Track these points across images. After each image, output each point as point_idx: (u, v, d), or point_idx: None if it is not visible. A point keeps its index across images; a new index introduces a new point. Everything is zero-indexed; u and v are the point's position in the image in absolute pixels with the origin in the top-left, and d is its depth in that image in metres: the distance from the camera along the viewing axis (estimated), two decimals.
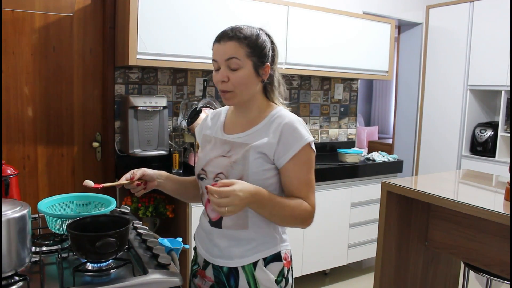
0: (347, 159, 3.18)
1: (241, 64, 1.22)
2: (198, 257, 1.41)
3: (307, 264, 2.97)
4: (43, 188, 2.66)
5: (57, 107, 2.66)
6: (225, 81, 1.23)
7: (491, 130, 3.66)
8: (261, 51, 1.25)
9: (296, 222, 1.25)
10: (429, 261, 2.27)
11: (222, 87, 1.24)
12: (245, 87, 1.24)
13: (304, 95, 3.57)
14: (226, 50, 1.21)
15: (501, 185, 2.15)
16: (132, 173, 1.32)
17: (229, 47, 1.21)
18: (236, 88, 1.23)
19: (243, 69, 1.22)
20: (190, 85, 3.01)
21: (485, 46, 3.59)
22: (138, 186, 1.33)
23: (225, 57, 1.21)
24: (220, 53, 1.23)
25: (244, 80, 1.23)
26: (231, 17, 2.70)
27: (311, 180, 1.26)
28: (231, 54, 1.21)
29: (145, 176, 1.34)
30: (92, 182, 1.29)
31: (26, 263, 1.13)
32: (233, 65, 1.21)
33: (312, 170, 1.27)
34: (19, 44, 2.51)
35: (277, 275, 1.28)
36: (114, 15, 2.68)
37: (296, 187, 1.24)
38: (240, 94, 1.24)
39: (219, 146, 1.32)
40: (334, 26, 3.18)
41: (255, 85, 1.27)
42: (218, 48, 1.24)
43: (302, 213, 1.23)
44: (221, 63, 1.23)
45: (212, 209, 1.28)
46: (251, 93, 1.27)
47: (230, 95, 1.24)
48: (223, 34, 1.24)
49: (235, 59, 1.21)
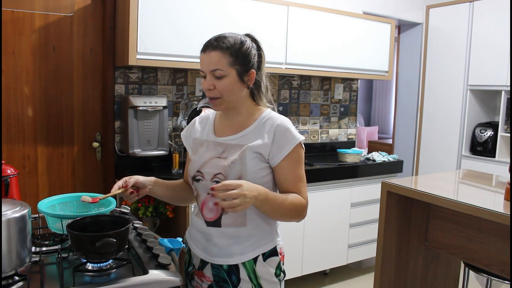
0: (347, 159, 3.18)
1: (224, 73, 1.28)
2: (193, 259, 1.42)
3: (307, 264, 2.97)
4: (43, 188, 2.66)
5: (57, 107, 2.66)
6: (211, 89, 1.30)
7: (491, 130, 3.66)
8: (245, 59, 1.31)
9: (293, 216, 1.33)
10: (429, 261, 2.27)
11: (209, 94, 1.32)
12: (230, 94, 1.30)
13: (304, 95, 3.57)
14: (210, 60, 1.28)
15: (501, 185, 2.14)
16: (124, 181, 1.35)
17: (212, 57, 1.28)
18: (223, 94, 1.30)
19: (227, 77, 1.29)
20: (190, 85, 3.01)
21: (485, 46, 3.59)
22: (131, 194, 1.35)
23: (209, 68, 1.28)
24: (205, 63, 1.29)
25: (229, 87, 1.29)
26: (231, 17, 2.70)
27: (303, 175, 1.35)
28: (214, 66, 1.28)
29: (138, 183, 1.37)
30: (90, 198, 1.34)
31: (26, 263, 1.13)
32: (217, 74, 1.28)
33: (303, 166, 1.36)
34: (19, 44, 2.51)
35: (275, 269, 1.35)
36: (114, 15, 2.68)
37: (291, 183, 1.32)
38: (227, 100, 1.31)
39: (213, 148, 1.36)
40: (334, 26, 3.18)
41: (241, 91, 1.33)
42: (203, 58, 1.30)
43: (299, 207, 1.31)
44: (207, 72, 1.29)
45: (210, 209, 1.33)
46: (238, 98, 1.33)
47: (218, 101, 1.32)
48: (208, 44, 1.31)
49: (219, 70, 1.28)
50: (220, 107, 1.33)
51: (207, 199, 1.33)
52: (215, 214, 1.32)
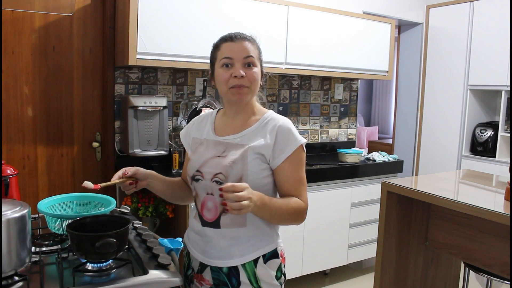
0: (347, 159, 3.18)
1: (256, 63, 1.30)
2: (192, 261, 1.40)
3: (307, 264, 2.97)
4: (43, 188, 2.66)
5: (57, 107, 2.66)
6: (244, 76, 1.27)
7: (491, 130, 3.66)
8: (261, 57, 1.35)
9: (292, 220, 1.31)
10: (429, 261, 2.27)
11: (240, 82, 1.28)
12: (257, 85, 1.32)
13: (304, 95, 3.57)
14: (243, 48, 1.28)
15: (501, 185, 2.15)
16: (124, 171, 1.34)
17: (246, 46, 1.29)
18: (252, 84, 1.29)
19: (257, 68, 1.30)
20: (190, 85, 3.01)
21: (485, 46, 3.59)
22: (130, 185, 1.34)
23: (243, 55, 1.28)
24: (237, 51, 1.28)
25: (257, 77, 1.31)
26: (231, 17, 2.70)
27: (304, 178, 1.34)
28: (249, 53, 1.28)
29: (137, 174, 1.36)
30: (92, 184, 1.30)
31: (26, 263, 1.13)
32: (250, 61, 1.28)
33: (304, 169, 1.35)
34: (19, 44, 2.51)
35: (276, 271, 1.33)
36: (114, 15, 2.68)
37: (291, 185, 1.31)
38: (254, 91, 1.32)
39: (213, 147, 1.35)
40: (334, 26, 3.18)
41: (259, 87, 1.34)
42: (233, 46, 1.29)
43: (298, 211, 1.30)
44: (238, 60, 1.28)
45: (209, 209, 1.31)
46: (256, 93, 1.34)
47: (246, 90, 1.30)
48: (236, 35, 1.30)
49: (252, 58, 1.29)
50: (246, 96, 1.30)
51: (206, 199, 1.32)
52: (214, 214, 1.30)
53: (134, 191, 1.38)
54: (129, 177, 1.34)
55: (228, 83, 1.28)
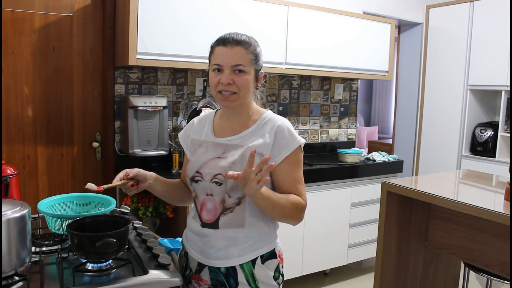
0: (347, 159, 3.18)
1: (246, 69, 1.28)
2: (190, 262, 1.40)
3: (307, 264, 2.97)
4: (43, 188, 2.66)
5: (57, 107, 2.66)
6: (231, 83, 1.27)
7: (491, 130, 3.66)
8: (258, 60, 1.33)
9: (293, 215, 1.31)
10: (429, 261, 2.27)
11: (227, 88, 1.28)
12: (247, 91, 1.30)
13: (304, 95, 3.57)
14: (234, 55, 1.27)
15: (501, 185, 2.14)
16: (125, 172, 1.35)
17: (237, 52, 1.27)
18: (240, 90, 1.28)
19: (247, 74, 1.29)
20: (190, 85, 3.01)
21: (485, 46, 3.59)
22: (131, 187, 1.34)
23: (233, 62, 1.27)
24: (227, 57, 1.27)
25: (247, 84, 1.29)
26: (231, 17, 2.70)
27: (302, 178, 1.35)
28: (239, 61, 1.27)
29: (139, 176, 1.36)
30: (95, 186, 1.30)
31: (26, 263, 1.13)
32: (240, 69, 1.27)
33: (302, 169, 1.36)
34: (19, 44, 2.51)
35: (274, 271, 1.33)
36: (114, 15, 2.68)
37: (290, 185, 1.31)
38: (243, 97, 1.30)
39: (212, 148, 1.35)
40: (334, 26, 3.18)
41: (252, 90, 1.34)
42: (224, 51, 1.28)
43: (298, 207, 1.30)
44: (227, 67, 1.27)
45: (208, 210, 1.31)
46: (249, 97, 1.34)
47: (234, 97, 1.29)
48: (229, 39, 1.28)
49: (242, 66, 1.27)
50: (234, 103, 1.30)
51: (206, 200, 1.32)
52: (213, 215, 1.31)
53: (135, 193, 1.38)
54: (130, 178, 1.34)
55: (216, 87, 1.29)
